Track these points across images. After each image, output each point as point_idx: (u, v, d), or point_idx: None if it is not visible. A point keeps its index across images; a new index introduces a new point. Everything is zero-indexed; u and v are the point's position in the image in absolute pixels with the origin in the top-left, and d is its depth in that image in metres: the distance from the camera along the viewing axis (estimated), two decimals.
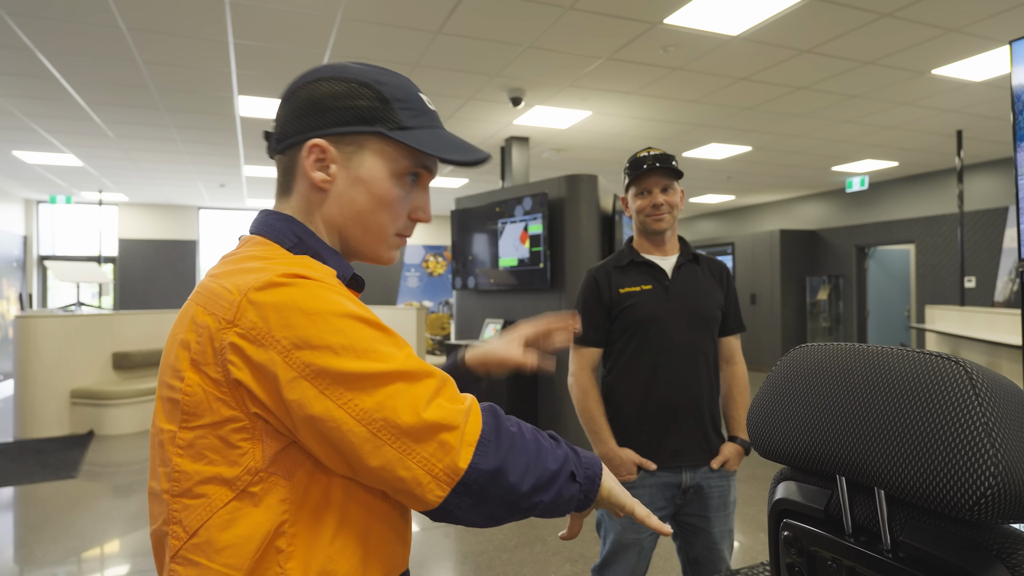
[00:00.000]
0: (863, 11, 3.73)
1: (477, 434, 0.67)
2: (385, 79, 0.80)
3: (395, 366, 0.66)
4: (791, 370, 0.72)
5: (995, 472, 0.51)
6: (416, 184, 0.83)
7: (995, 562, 0.54)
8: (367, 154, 0.78)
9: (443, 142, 0.81)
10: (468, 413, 0.68)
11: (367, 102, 0.77)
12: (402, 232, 0.84)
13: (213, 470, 0.65)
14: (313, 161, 0.78)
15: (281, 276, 0.66)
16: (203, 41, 4.10)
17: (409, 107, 0.80)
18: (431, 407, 0.66)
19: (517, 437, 0.70)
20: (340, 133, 0.77)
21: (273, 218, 0.79)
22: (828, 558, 0.68)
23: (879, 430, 0.59)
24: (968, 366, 0.56)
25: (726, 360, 1.91)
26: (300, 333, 0.64)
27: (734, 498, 1.83)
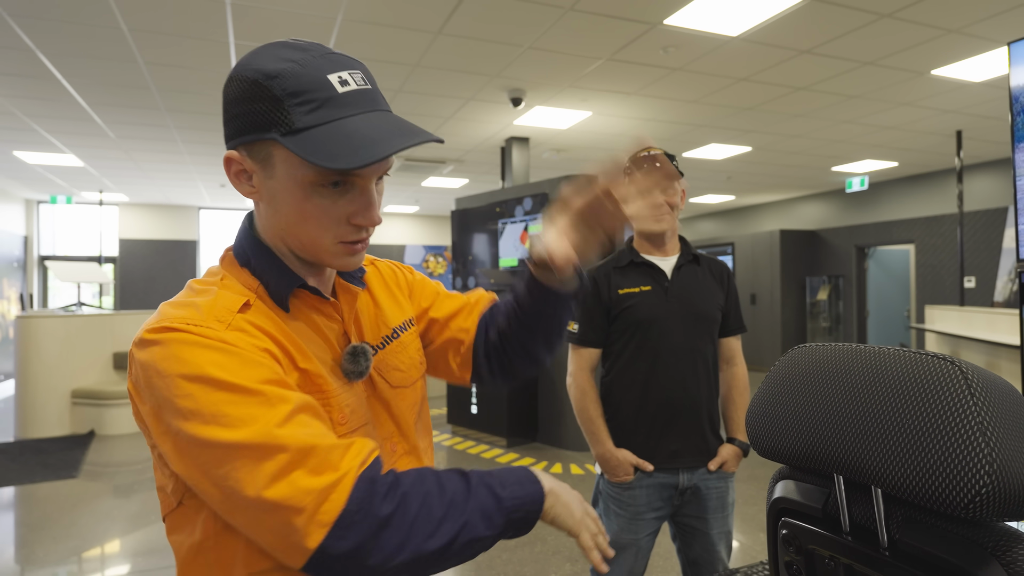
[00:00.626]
0: (863, 12, 3.74)
1: (335, 514, 0.61)
2: (280, 69, 0.67)
3: (240, 437, 0.61)
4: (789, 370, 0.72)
5: (990, 471, 0.52)
6: (347, 186, 0.70)
7: (990, 560, 0.54)
8: (276, 162, 0.69)
9: (336, 143, 0.65)
10: (330, 491, 0.61)
11: (261, 104, 0.67)
12: (345, 239, 0.73)
13: (161, 480, 0.73)
14: (234, 174, 0.73)
15: (150, 331, 0.66)
16: (204, 42, 4.10)
17: (306, 100, 0.66)
18: (274, 487, 0.60)
19: (394, 516, 0.63)
20: (247, 142, 0.70)
21: (241, 229, 0.80)
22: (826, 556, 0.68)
23: (876, 429, 0.60)
24: (964, 366, 0.57)
25: (726, 361, 1.90)
26: (159, 394, 0.64)
27: (732, 500, 1.83)
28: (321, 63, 0.68)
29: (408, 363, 0.89)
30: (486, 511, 0.69)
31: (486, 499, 0.70)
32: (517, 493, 0.72)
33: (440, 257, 13.38)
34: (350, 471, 0.63)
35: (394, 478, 0.67)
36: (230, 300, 0.71)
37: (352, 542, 0.61)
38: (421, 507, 0.66)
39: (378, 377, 0.84)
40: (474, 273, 6.15)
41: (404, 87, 5.04)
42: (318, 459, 0.62)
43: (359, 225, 0.72)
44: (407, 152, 7.30)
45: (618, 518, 1.75)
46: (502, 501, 0.71)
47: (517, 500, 0.72)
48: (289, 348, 0.72)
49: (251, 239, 0.77)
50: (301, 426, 0.64)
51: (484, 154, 7.41)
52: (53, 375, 5.92)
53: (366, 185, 0.71)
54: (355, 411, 0.78)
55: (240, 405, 0.62)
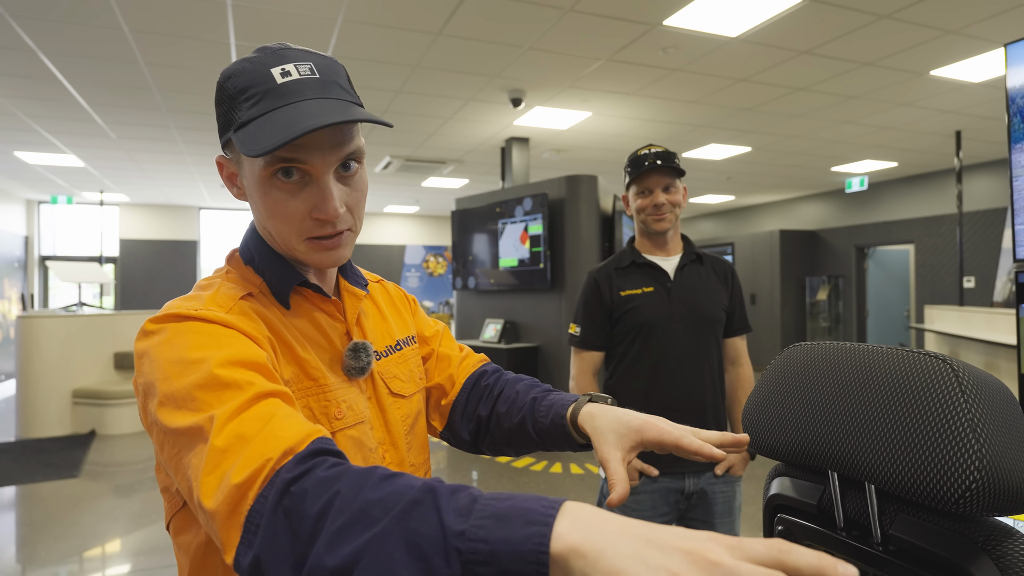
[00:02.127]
0: (862, 12, 3.75)
1: (243, 518, 0.51)
2: (234, 70, 0.71)
3: (199, 421, 0.57)
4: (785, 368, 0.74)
5: (980, 466, 0.53)
6: (304, 179, 0.70)
7: (981, 554, 0.55)
8: (242, 161, 0.73)
9: (263, 130, 0.65)
10: (247, 487, 0.51)
11: (223, 105, 0.71)
12: (309, 235, 0.72)
13: (166, 480, 0.72)
14: (226, 178, 0.77)
15: (152, 320, 0.67)
16: (205, 43, 4.11)
17: (250, 95, 0.68)
18: (207, 481, 0.53)
19: (288, 516, 0.49)
20: (224, 144, 0.74)
21: (248, 229, 0.82)
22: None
23: (869, 426, 0.61)
24: (955, 364, 0.58)
25: (732, 361, 1.87)
26: (146, 379, 0.64)
27: (739, 503, 1.79)
28: (269, 59, 0.70)
29: (408, 375, 0.89)
30: (415, 541, 0.43)
31: (423, 523, 0.44)
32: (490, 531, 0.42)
33: (440, 257, 13.38)
34: (270, 461, 0.52)
35: (311, 467, 0.52)
36: (232, 290, 0.73)
37: (253, 553, 0.49)
38: (321, 507, 0.48)
39: (379, 381, 0.84)
40: (474, 273, 6.16)
41: (404, 87, 5.05)
42: (249, 449, 0.53)
43: (319, 219, 0.71)
44: (407, 152, 7.32)
45: None
46: (447, 534, 0.43)
47: (484, 541, 0.42)
48: (287, 338, 0.73)
49: (255, 237, 0.79)
50: (257, 411, 0.57)
51: (484, 154, 7.42)
52: (54, 375, 5.92)
53: (319, 176, 0.70)
54: (352, 408, 0.77)
55: (208, 389, 0.59)
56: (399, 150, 7.23)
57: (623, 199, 1.85)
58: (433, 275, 13.32)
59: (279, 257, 0.77)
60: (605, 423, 0.76)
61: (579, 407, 0.80)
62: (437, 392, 0.96)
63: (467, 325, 6.41)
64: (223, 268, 0.80)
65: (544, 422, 0.83)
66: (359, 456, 0.77)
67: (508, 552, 0.41)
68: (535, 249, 5.44)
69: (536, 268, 5.44)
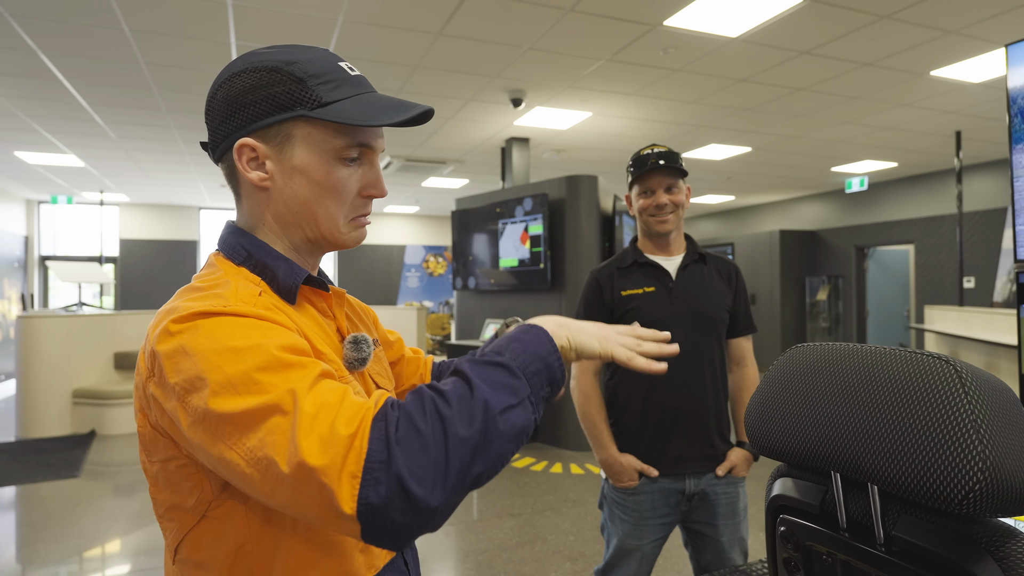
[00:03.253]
0: (862, 13, 3.75)
1: (361, 462, 0.56)
2: (296, 57, 0.75)
3: (270, 399, 0.60)
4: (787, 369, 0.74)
5: (983, 467, 0.53)
6: (360, 160, 0.78)
7: (984, 555, 0.55)
8: (296, 142, 0.74)
9: (368, 109, 0.74)
10: (353, 439, 0.57)
11: (282, 87, 0.73)
12: (357, 212, 0.80)
13: (176, 498, 0.71)
14: (246, 162, 0.76)
15: (177, 320, 0.65)
16: (205, 43, 4.11)
17: (328, 80, 0.74)
18: (305, 446, 0.57)
19: (409, 437, 0.58)
20: (264, 126, 0.74)
21: (227, 231, 0.81)
22: (823, 552, 0.69)
23: (872, 427, 0.61)
24: (958, 365, 0.58)
25: (736, 362, 1.86)
26: (186, 376, 0.63)
27: (744, 505, 1.77)
28: (326, 54, 0.78)
29: (385, 372, 0.92)
30: (497, 381, 0.63)
31: (491, 372, 0.64)
32: (519, 348, 0.67)
33: (440, 257, 13.38)
34: (367, 413, 0.60)
35: (398, 404, 0.62)
36: (249, 287, 0.73)
37: (387, 483, 0.56)
38: (431, 415, 0.59)
39: (367, 376, 0.85)
40: (474, 273, 6.16)
41: (405, 88, 5.05)
42: (344, 413, 0.59)
43: (370, 196, 0.79)
44: (407, 152, 7.32)
45: (623, 523, 1.73)
46: (507, 365, 0.64)
47: (524, 355, 0.66)
48: (304, 331, 0.74)
49: (247, 237, 0.78)
50: (328, 386, 0.62)
51: (484, 154, 7.42)
52: (54, 375, 5.92)
53: (375, 159, 0.79)
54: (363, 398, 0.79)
55: (271, 371, 0.61)
56: (399, 150, 7.23)
57: (626, 199, 1.84)
58: (433, 275, 13.32)
59: (280, 254, 0.77)
60: None
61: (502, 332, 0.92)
62: None
63: (467, 325, 6.41)
64: (217, 271, 0.77)
65: None
66: None
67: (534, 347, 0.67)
68: (535, 249, 5.44)
69: (536, 268, 5.44)
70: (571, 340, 0.72)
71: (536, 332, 0.69)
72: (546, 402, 0.68)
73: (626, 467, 1.71)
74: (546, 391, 0.67)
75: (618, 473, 1.72)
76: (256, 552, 0.69)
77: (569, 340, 0.72)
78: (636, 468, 1.71)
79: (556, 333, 0.71)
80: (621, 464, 1.71)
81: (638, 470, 1.71)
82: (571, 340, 0.72)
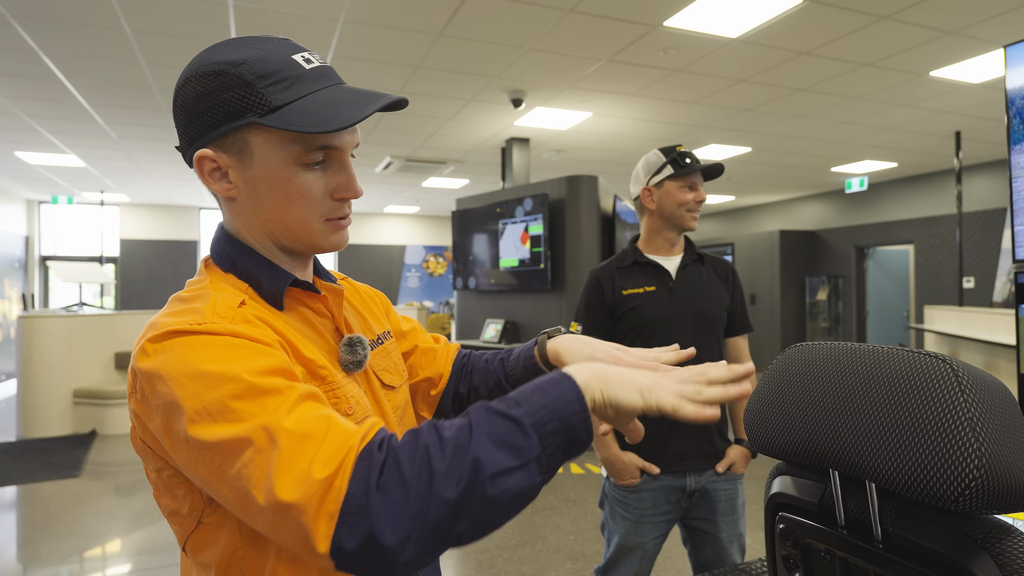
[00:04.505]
0: (862, 13, 3.75)
1: (339, 503, 0.54)
2: (244, 56, 0.69)
3: (246, 431, 0.57)
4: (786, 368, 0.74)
5: (979, 465, 0.53)
6: (327, 162, 0.72)
7: (980, 551, 0.56)
8: (254, 149, 0.70)
9: (321, 111, 0.68)
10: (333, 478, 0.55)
11: (231, 92, 0.67)
12: (331, 215, 0.74)
13: (174, 504, 0.71)
14: (208, 173, 0.72)
15: (151, 340, 0.64)
16: (206, 43, 4.12)
17: (278, 79, 0.68)
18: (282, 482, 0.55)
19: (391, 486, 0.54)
20: (219, 136, 0.70)
21: (216, 236, 0.79)
22: (822, 550, 0.70)
23: (870, 425, 0.62)
24: (954, 364, 0.58)
25: (733, 361, 1.88)
26: (165, 400, 0.62)
27: (743, 501, 1.80)
28: (281, 46, 0.71)
29: (394, 367, 0.90)
30: (502, 439, 0.57)
31: (498, 426, 0.58)
32: (539, 402, 0.59)
33: (440, 257, 13.38)
34: (351, 451, 0.57)
35: (388, 444, 0.58)
36: (228, 298, 0.70)
37: (362, 530, 0.54)
38: (419, 465, 0.55)
39: (371, 374, 0.84)
40: (474, 273, 6.16)
41: (405, 88, 5.06)
42: (326, 448, 0.57)
43: (343, 199, 0.74)
44: (408, 152, 7.32)
45: (624, 521, 1.75)
46: (519, 420, 0.58)
47: (542, 410, 0.58)
48: (291, 339, 0.71)
49: (232, 242, 0.76)
50: (309, 413, 0.59)
51: (485, 155, 7.42)
52: (55, 375, 5.93)
53: (344, 158, 0.73)
54: (360, 403, 0.76)
55: (246, 398, 0.59)
56: (399, 150, 7.24)
57: (644, 192, 1.82)
58: (433, 275, 13.32)
59: (264, 259, 0.75)
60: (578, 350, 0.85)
61: (543, 344, 0.89)
62: (426, 384, 0.98)
63: (467, 325, 6.41)
64: (204, 279, 0.76)
65: (516, 372, 0.92)
66: None
67: (556, 401, 0.59)
68: (535, 249, 5.45)
69: (536, 268, 5.44)
70: (606, 394, 0.62)
71: (565, 385, 0.61)
72: (565, 461, 0.60)
73: (628, 465, 1.73)
74: (562, 452, 0.59)
75: (620, 471, 1.73)
76: (248, 558, 0.69)
77: (604, 394, 0.62)
78: (638, 466, 1.73)
79: (589, 386, 0.61)
80: (623, 462, 1.73)
81: (640, 467, 1.73)
82: (606, 394, 0.62)
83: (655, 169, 1.79)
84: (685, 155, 1.77)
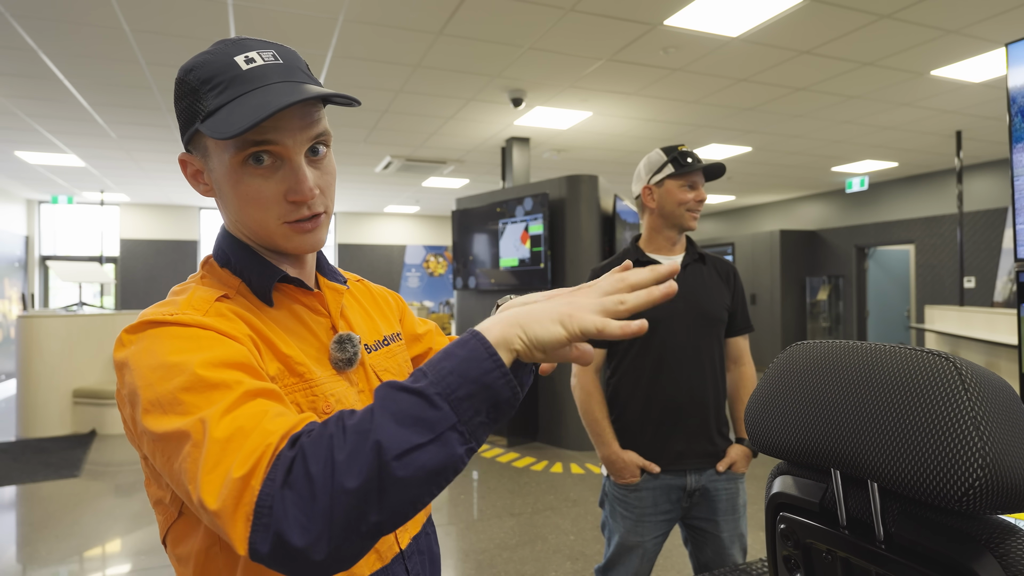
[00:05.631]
0: (862, 12, 3.75)
1: (252, 505, 0.53)
2: (195, 62, 0.70)
3: (185, 423, 0.57)
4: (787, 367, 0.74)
5: (983, 464, 0.53)
6: (277, 162, 0.70)
7: (984, 552, 0.55)
8: (210, 153, 0.72)
9: (233, 115, 0.66)
10: (249, 478, 0.53)
11: (186, 100, 0.71)
12: (287, 218, 0.72)
13: (159, 492, 0.72)
14: (190, 175, 0.76)
15: (128, 330, 0.66)
16: (206, 43, 4.11)
17: (215, 84, 0.68)
18: (206, 481, 0.55)
19: (297, 483, 0.52)
20: (189, 139, 0.73)
21: (218, 233, 0.81)
22: (823, 550, 0.69)
23: (872, 425, 0.61)
24: (957, 362, 0.58)
25: (734, 361, 1.88)
26: (129, 389, 0.63)
27: (744, 501, 1.80)
28: (231, 48, 0.71)
29: (396, 370, 0.89)
30: (406, 415, 0.53)
31: (402, 403, 0.54)
32: (447, 367, 0.55)
33: (440, 257, 13.38)
34: (268, 449, 0.55)
35: (301, 440, 0.55)
36: (208, 292, 0.72)
37: (272, 530, 0.51)
38: (323, 458, 0.53)
39: (371, 373, 0.83)
40: (474, 273, 6.16)
41: (405, 87, 5.05)
42: (246, 444, 0.55)
43: (295, 202, 0.71)
44: (408, 152, 7.32)
45: (624, 520, 1.74)
46: (423, 392, 0.54)
47: (449, 376, 0.54)
48: (269, 335, 0.72)
49: (228, 238, 0.78)
50: (249, 410, 0.58)
51: (484, 154, 7.42)
52: (54, 375, 5.93)
53: (291, 158, 0.70)
54: (341, 401, 0.76)
55: (194, 391, 0.59)
56: (399, 150, 7.23)
57: (644, 191, 1.82)
58: (433, 275, 13.32)
59: (254, 254, 0.76)
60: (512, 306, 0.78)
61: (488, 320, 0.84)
62: None
63: (468, 325, 6.41)
64: (198, 274, 0.79)
65: None
66: None
67: (463, 363, 0.55)
68: (536, 249, 5.44)
69: (537, 268, 5.44)
70: (526, 338, 0.56)
71: (473, 344, 0.56)
72: (496, 423, 0.57)
73: (628, 463, 1.72)
74: (486, 415, 0.55)
75: (620, 470, 1.73)
76: (223, 555, 0.69)
77: (525, 339, 0.56)
78: (638, 464, 1.73)
79: (505, 337, 0.56)
80: (623, 460, 1.73)
81: (640, 466, 1.73)
82: (526, 338, 0.56)
83: (656, 167, 1.79)
84: (686, 154, 1.77)
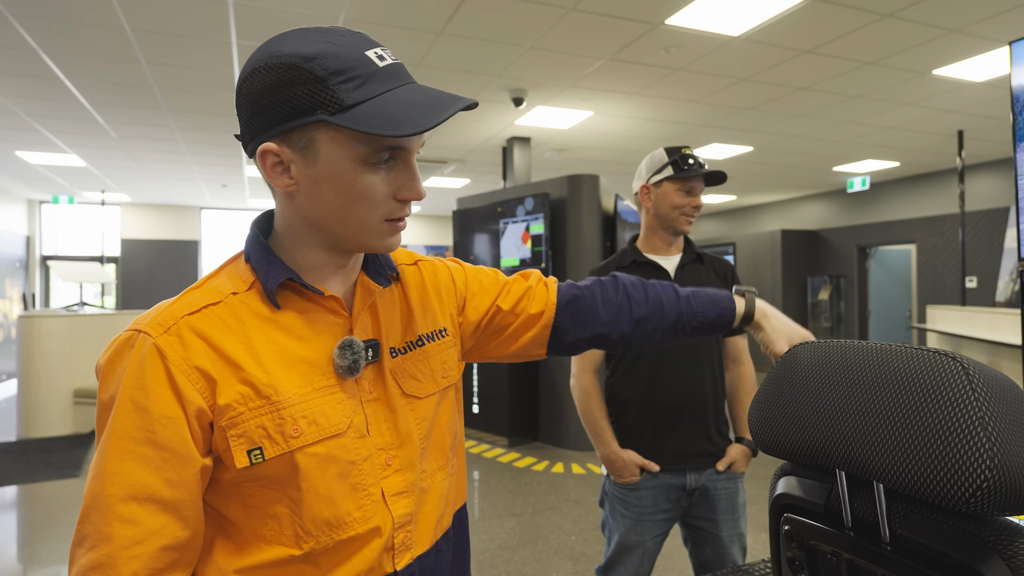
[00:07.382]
0: (864, 12, 3.74)
1: None
2: (317, 50, 0.66)
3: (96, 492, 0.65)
4: (791, 367, 0.73)
5: (991, 465, 0.52)
6: (393, 161, 0.71)
7: (991, 554, 0.55)
8: (320, 147, 0.68)
9: (394, 113, 0.66)
10: None
11: (301, 88, 0.66)
12: (391, 216, 0.73)
13: None
14: (271, 167, 0.71)
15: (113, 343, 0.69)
16: (206, 42, 4.11)
17: (351, 77, 0.66)
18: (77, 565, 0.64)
19: None
20: (286, 131, 0.68)
21: (252, 227, 0.79)
22: (828, 551, 0.69)
23: (878, 425, 0.60)
24: (964, 362, 0.57)
25: (732, 360, 1.88)
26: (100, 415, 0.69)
27: (743, 500, 1.80)
28: (355, 41, 0.69)
29: (426, 374, 0.84)
30: None
31: None
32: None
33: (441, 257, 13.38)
34: None
35: None
36: (199, 296, 0.72)
37: None
38: None
39: (392, 381, 0.79)
40: None
41: None
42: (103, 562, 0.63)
43: (405, 199, 0.73)
44: None
45: (624, 519, 1.74)
46: None
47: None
48: (236, 358, 0.69)
49: (253, 236, 0.77)
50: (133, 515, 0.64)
51: (485, 154, 7.41)
52: (55, 375, 5.93)
53: (409, 159, 0.72)
54: (316, 422, 0.71)
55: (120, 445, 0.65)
56: None
57: (643, 190, 1.82)
58: None
59: (269, 253, 0.75)
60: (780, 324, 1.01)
61: (751, 304, 1.01)
62: (527, 325, 0.96)
63: None
64: (232, 258, 0.79)
65: (708, 315, 1.00)
66: (333, 472, 0.71)
67: None
68: (537, 249, 5.44)
69: (538, 268, 5.43)
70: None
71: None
72: None
73: (627, 463, 1.72)
74: None
75: (620, 469, 1.73)
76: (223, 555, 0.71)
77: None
78: (637, 464, 1.73)
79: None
80: (623, 460, 1.73)
81: (639, 465, 1.73)
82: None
83: (656, 168, 1.79)
84: (688, 157, 1.75)
